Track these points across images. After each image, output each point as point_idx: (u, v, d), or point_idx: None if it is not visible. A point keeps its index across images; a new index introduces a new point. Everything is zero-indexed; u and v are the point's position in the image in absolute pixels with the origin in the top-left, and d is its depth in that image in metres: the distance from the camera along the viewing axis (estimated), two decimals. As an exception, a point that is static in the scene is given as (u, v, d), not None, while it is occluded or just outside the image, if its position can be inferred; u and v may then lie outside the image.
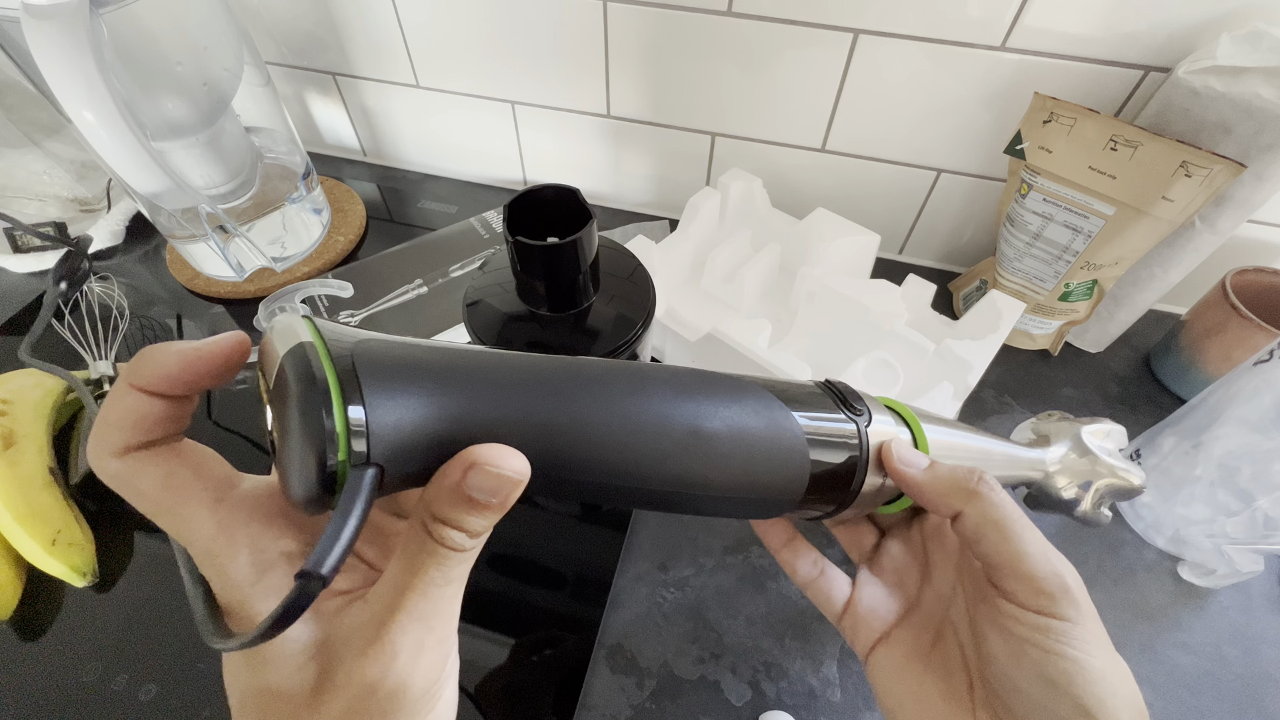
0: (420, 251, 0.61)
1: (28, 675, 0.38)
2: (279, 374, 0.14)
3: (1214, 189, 0.42)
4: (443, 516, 0.16)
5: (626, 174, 0.67)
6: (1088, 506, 0.28)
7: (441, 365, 0.16)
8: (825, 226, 0.53)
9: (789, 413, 0.21)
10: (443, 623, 0.17)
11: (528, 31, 0.57)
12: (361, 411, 0.14)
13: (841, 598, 0.27)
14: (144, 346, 0.16)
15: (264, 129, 0.57)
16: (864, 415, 0.23)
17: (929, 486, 0.23)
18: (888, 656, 0.25)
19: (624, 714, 0.37)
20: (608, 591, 0.42)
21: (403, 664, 0.16)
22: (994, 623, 0.22)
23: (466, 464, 0.15)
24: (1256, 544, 0.40)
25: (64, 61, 0.38)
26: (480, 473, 0.15)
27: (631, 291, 0.35)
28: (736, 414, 0.20)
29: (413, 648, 0.16)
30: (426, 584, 0.16)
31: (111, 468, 0.16)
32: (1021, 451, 0.29)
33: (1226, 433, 0.40)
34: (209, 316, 0.58)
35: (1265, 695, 0.39)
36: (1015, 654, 0.21)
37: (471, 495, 0.16)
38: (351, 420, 0.14)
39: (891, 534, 0.28)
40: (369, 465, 0.14)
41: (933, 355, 0.45)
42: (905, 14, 0.48)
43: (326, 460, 0.14)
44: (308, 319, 0.16)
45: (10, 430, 0.42)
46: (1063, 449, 0.29)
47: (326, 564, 0.14)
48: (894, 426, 0.24)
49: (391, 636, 0.16)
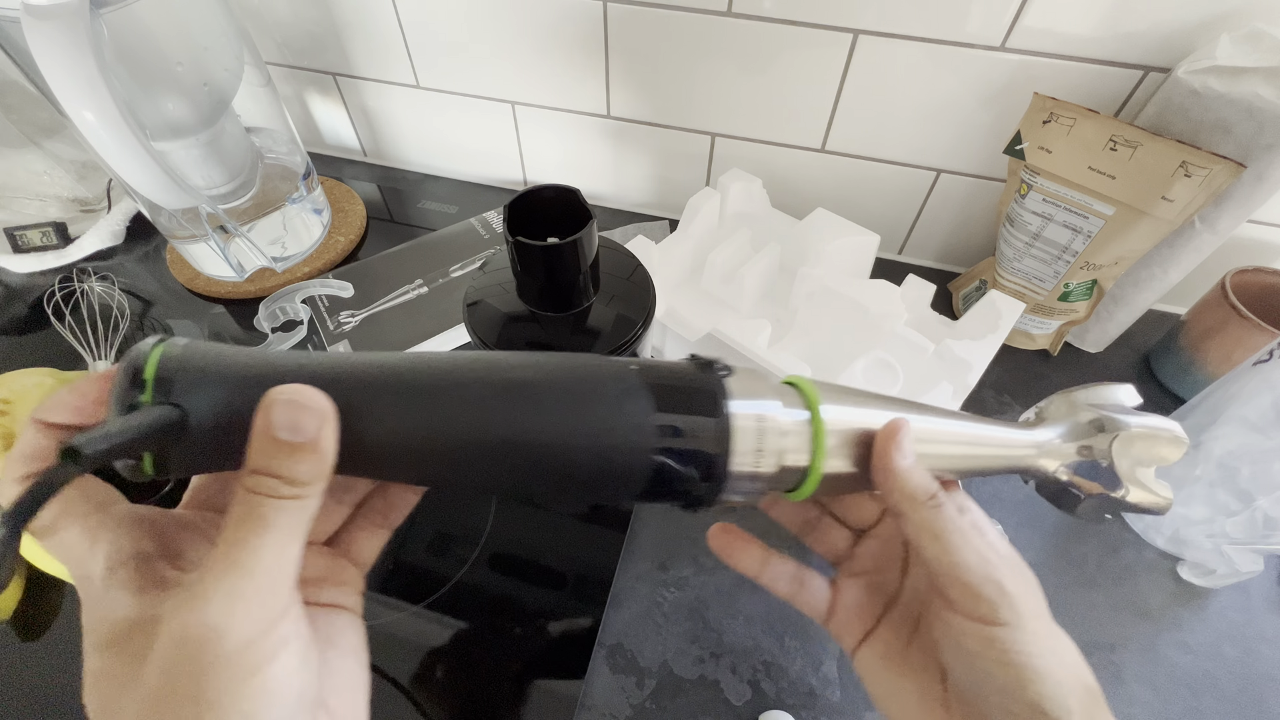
0: (420, 252, 0.61)
1: (28, 675, 0.38)
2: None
3: (1214, 189, 0.42)
4: (256, 465, 0.16)
5: (626, 174, 0.67)
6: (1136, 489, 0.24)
7: (262, 355, 0.18)
8: (825, 227, 0.53)
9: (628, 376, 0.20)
10: (264, 574, 0.16)
11: (528, 32, 0.57)
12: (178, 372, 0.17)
13: (825, 604, 0.27)
14: None
15: (264, 129, 0.58)
16: (726, 372, 0.21)
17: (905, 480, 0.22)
18: (870, 654, 0.25)
19: (624, 713, 0.37)
20: (608, 591, 0.42)
21: (214, 610, 0.15)
22: (945, 633, 0.22)
23: (268, 405, 0.16)
24: (1256, 544, 0.40)
25: (64, 61, 0.38)
26: (279, 406, 0.16)
27: (631, 291, 0.35)
28: (553, 362, 0.20)
29: (225, 595, 0.16)
30: (245, 533, 0.16)
31: (11, 492, 0.17)
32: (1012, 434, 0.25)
33: (1226, 433, 0.40)
34: (209, 316, 0.58)
35: (1265, 695, 0.39)
36: (967, 664, 0.21)
37: (277, 435, 0.16)
38: (160, 373, 0.17)
39: (869, 534, 0.28)
40: (171, 405, 0.17)
41: (932, 355, 0.45)
42: (905, 14, 0.48)
43: (131, 397, 0.16)
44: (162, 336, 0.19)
45: (10, 430, 0.42)
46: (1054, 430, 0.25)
47: (89, 443, 0.15)
48: (771, 397, 0.22)
49: (204, 584, 0.16)
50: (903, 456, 0.22)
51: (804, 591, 0.27)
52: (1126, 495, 0.24)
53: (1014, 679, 0.20)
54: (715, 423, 0.20)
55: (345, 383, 0.18)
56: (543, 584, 0.42)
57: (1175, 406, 0.46)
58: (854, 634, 0.26)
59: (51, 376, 0.47)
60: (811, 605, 0.27)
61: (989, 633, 0.21)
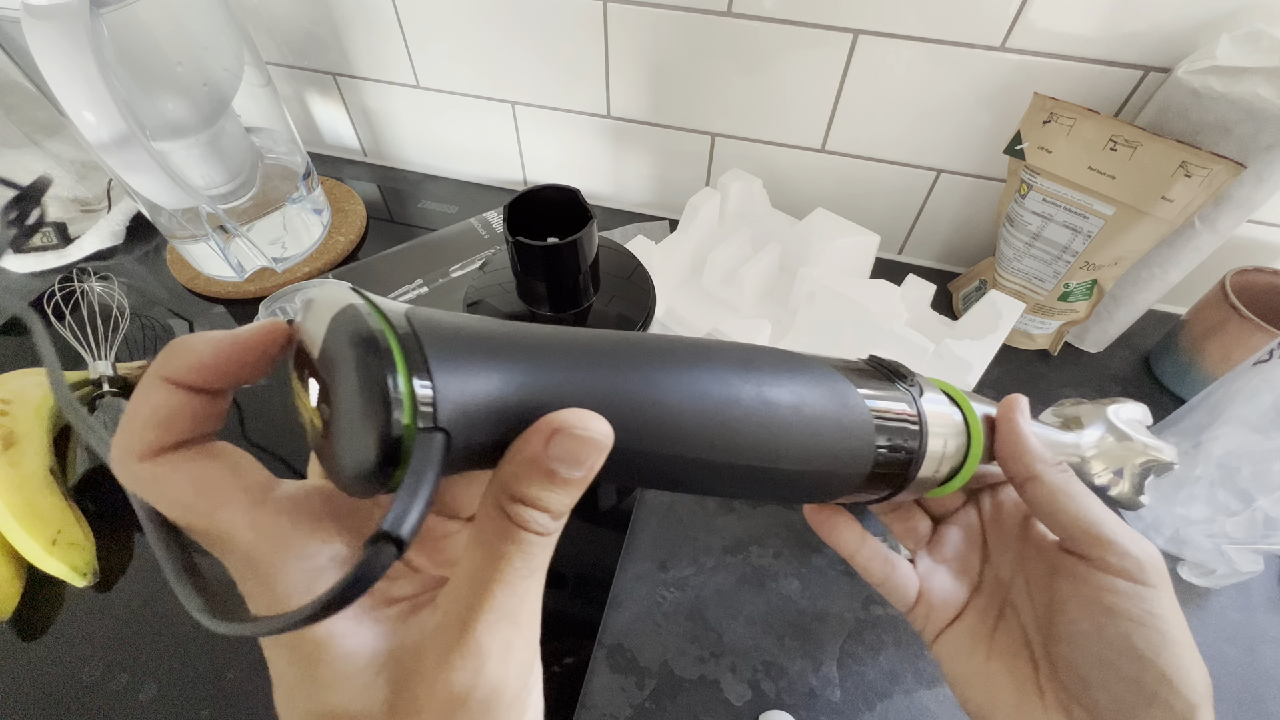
0: (420, 252, 0.61)
1: (28, 675, 0.38)
2: (328, 339, 0.13)
3: (1214, 189, 0.42)
4: (522, 495, 0.14)
5: (626, 174, 0.67)
6: (1127, 489, 0.28)
7: (501, 332, 0.15)
8: (825, 226, 0.53)
9: (849, 384, 0.21)
10: (529, 620, 0.15)
11: (528, 32, 0.57)
12: (425, 370, 0.13)
13: (914, 590, 0.26)
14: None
15: (264, 129, 0.57)
16: (916, 387, 0.23)
17: (1033, 445, 0.23)
18: (954, 639, 0.25)
19: (624, 714, 0.37)
20: (608, 591, 0.42)
21: (493, 668, 0.14)
22: (1076, 593, 0.22)
23: (549, 430, 0.14)
24: (1256, 544, 0.40)
25: (64, 61, 0.38)
26: (565, 438, 0.14)
27: (631, 291, 0.35)
28: (801, 384, 0.20)
29: (502, 648, 0.14)
30: (510, 575, 0.14)
31: (137, 471, 0.14)
32: (1058, 435, 0.28)
33: (1226, 433, 0.40)
34: (209, 317, 0.58)
35: (1265, 695, 0.39)
36: (1099, 624, 0.21)
37: (554, 468, 0.14)
38: (416, 382, 0.13)
39: (948, 521, 0.28)
40: (436, 430, 0.13)
41: (932, 355, 0.45)
42: (905, 14, 0.48)
43: (391, 424, 0.12)
44: (351, 288, 0.14)
45: (10, 430, 0.42)
46: (1098, 432, 0.29)
47: (406, 525, 0.12)
48: (948, 405, 0.24)
49: (478, 637, 0.14)
50: (1028, 424, 0.24)
51: (895, 575, 0.27)
52: (1121, 491, 0.28)
53: (1152, 643, 0.20)
54: (917, 446, 0.22)
55: (611, 411, 0.15)
56: (543, 584, 0.42)
57: (1175, 406, 0.46)
58: (938, 621, 0.26)
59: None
60: (900, 591, 0.26)
61: (1136, 590, 0.21)
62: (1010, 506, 0.27)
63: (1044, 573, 0.24)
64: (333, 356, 0.13)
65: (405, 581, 0.17)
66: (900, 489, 0.23)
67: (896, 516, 0.28)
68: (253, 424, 0.50)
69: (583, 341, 0.16)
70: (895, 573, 0.26)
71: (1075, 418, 0.30)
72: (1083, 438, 0.29)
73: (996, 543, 0.27)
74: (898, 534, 0.29)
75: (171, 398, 0.14)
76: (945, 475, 0.24)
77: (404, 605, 0.16)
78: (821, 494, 0.22)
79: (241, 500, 0.15)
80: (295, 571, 0.14)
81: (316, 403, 0.14)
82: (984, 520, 0.27)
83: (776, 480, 0.20)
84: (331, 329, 0.13)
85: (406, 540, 0.12)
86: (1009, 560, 0.26)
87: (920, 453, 0.22)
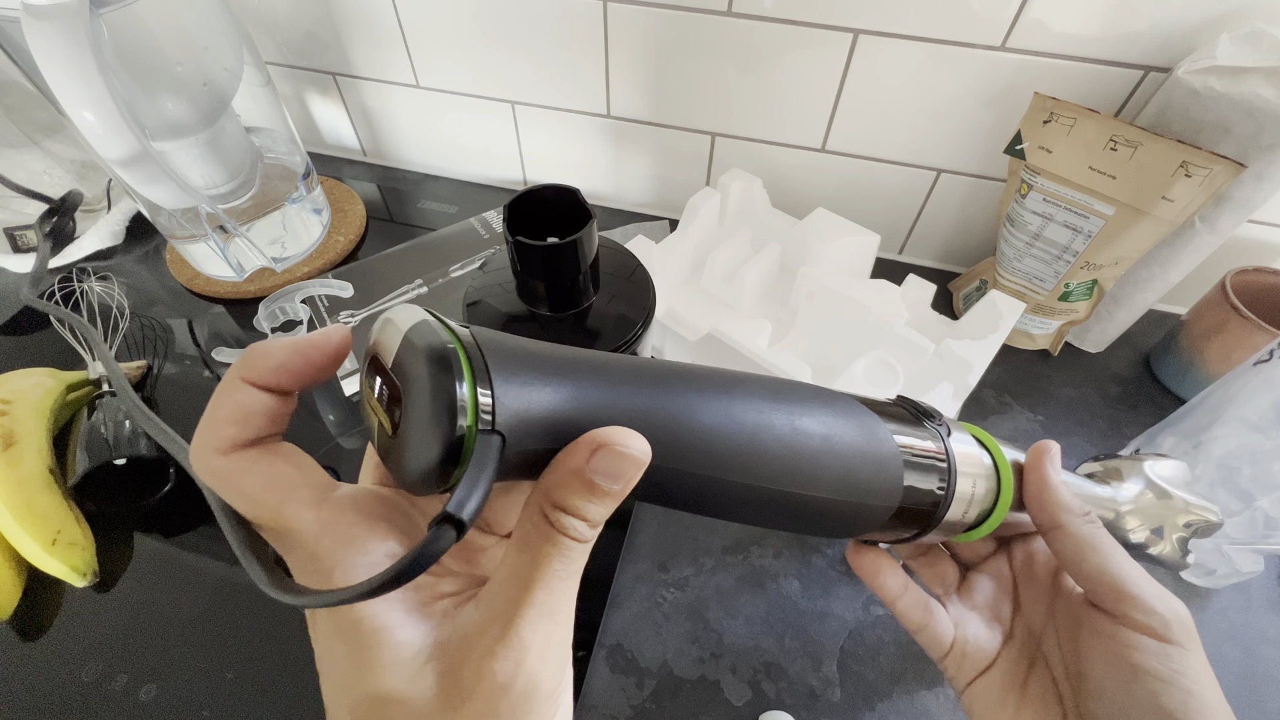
0: (420, 251, 0.61)
1: (28, 675, 0.38)
2: (403, 349, 0.15)
3: (1214, 189, 0.42)
4: (564, 503, 0.15)
5: (626, 174, 0.67)
6: (1169, 549, 0.27)
7: (556, 353, 0.17)
8: (825, 226, 0.53)
9: (878, 419, 0.22)
10: (566, 620, 0.16)
11: (528, 31, 0.57)
12: (487, 380, 0.15)
13: (949, 637, 0.26)
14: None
15: (264, 129, 0.57)
16: (944, 427, 0.24)
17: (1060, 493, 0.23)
18: (986, 688, 0.25)
19: (624, 714, 0.37)
20: (608, 591, 0.42)
21: (533, 662, 0.15)
22: (1103, 650, 0.21)
23: (593, 445, 0.15)
24: (1256, 544, 0.40)
25: (64, 61, 0.38)
26: (607, 454, 0.15)
27: (631, 291, 0.35)
28: (832, 416, 0.20)
29: (541, 644, 0.15)
30: (550, 576, 0.15)
31: (215, 464, 0.15)
32: (1092, 488, 0.27)
33: (1226, 433, 0.40)
34: (209, 316, 0.58)
35: (1265, 695, 0.39)
36: (1125, 682, 0.20)
37: (594, 480, 0.15)
38: (479, 390, 0.14)
39: (978, 569, 0.28)
40: (494, 432, 0.14)
41: (933, 355, 0.45)
42: (905, 14, 0.48)
43: (456, 425, 0.14)
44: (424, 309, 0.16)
45: (10, 430, 0.42)
46: (1136, 488, 0.28)
47: (467, 509, 0.14)
48: (976, 448, 0.24)
49: (521, 632, 0.15)
50: (1057, 472, 0.23)
51: (933, 623, 0.26)
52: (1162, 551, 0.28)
53: (1181, 704, 0.19)
54: (946, 485, 0.23)
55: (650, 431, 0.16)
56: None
57: (1175, 406, 0.46)
58: (970, 670, 0.25)
59: (52, 377, 0.47)
60: (936, 639, 0.26)
61: (1162, 648, 0.20)
62: (1042, 557, 0.26)
63: (1072, 626, 0.23)
64: (406, 365, 0.15)
65: (453, 579, 0.18)
66: (927, 529, 0.23)
67: (925, 561, 0.28)
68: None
69: (628, 366, 0.18)
70: (933, 620, 0.26)
71: (1115, 470, 0.29)
72: (1120, 492, 0.28)
73: (1028, 593, 0.26)
74: (925, 579, 0.28)
75: (250, 397, 0.15)
76: (974, 519, 0.24)
77: (447, 602, 0.17)
78: (850, 528, 0.22)
79: (306, 497, 0.16)
80: (354, 565, 0.15)
81: (387, 407, 0.15)
82: (1015, 569, 0.27)
83: (807, 508, 0.20)
84: (405, 342, 0.15)
85: (467, 523, 0.14)
86: (1040, 611, 0.25)
87: (949, 492, 0.22)
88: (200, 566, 0.43)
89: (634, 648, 0.40)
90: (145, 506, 0.45)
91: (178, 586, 0.42)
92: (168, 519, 0.45)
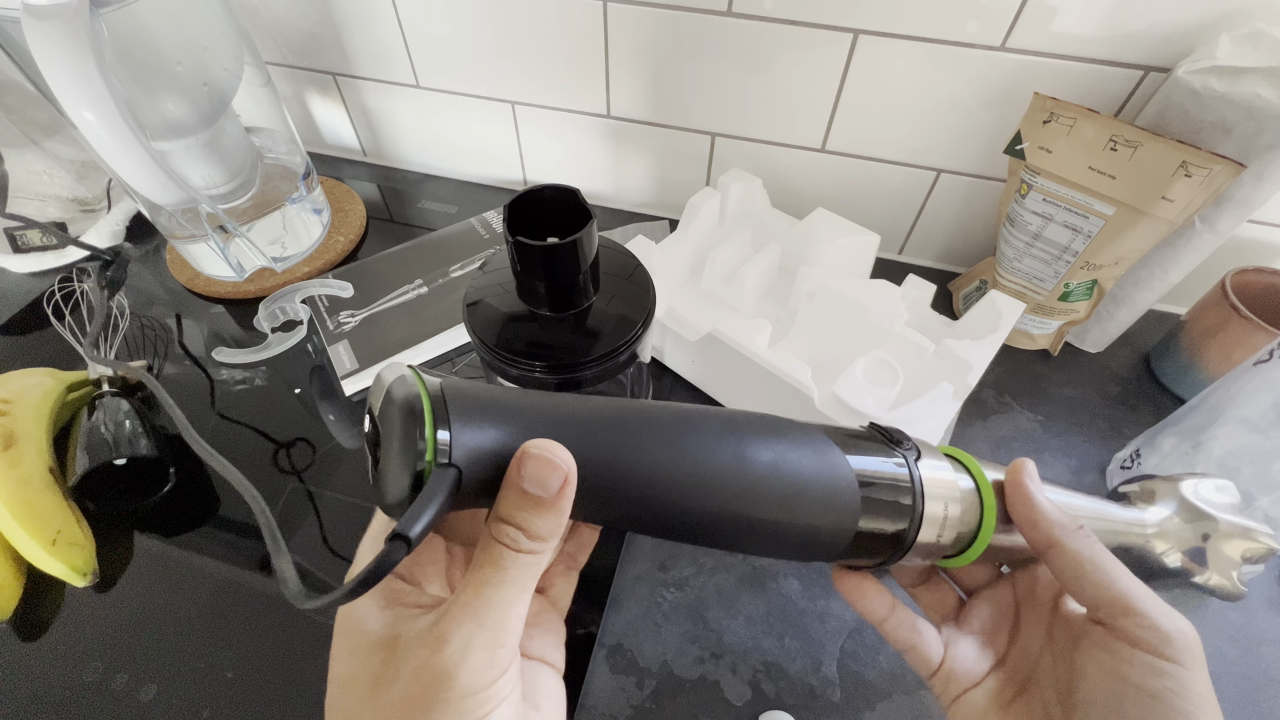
0: (420, 251, 0.61)
1: (28, 675, 0.38)
2: (384, 402, 0.18)
3: (1214, 189, 0.42)
4: (504, 515, 0.18)
5: (626, 174, 0.67)
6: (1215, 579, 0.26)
7: (510, 397, 0.19)
8: (825, 226, 0.53)
9: (831, 444, 0.22)
10: (495, 624, 0.17)
11: (528, 32, 0.57)
12: (447, 423, 0.17)
13: (937, 658, 0.26)
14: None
15: (264, 129, 0.57)
16: (913, 451, 0.23)
17: (1045, 508, 0.23)
18: (970, 704, 0.25)
19: (624, 714, 0.37)
20: (608, 591, 0.42)
21: (450, 653, 0.17)
22: (1097, 664, 0.21)
23: (520, 456, 0.17)
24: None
25: (64, 61, 0.38)
26: (533, 461, 0.17)
27: (631, 291, 0.35)
28: (784, 444, 0.21)
29: (461, 640, 0.17)
30: (481, 581, 0.17)
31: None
32: (1113, 509, 0.26)
33: (1226, 433, 0.40)
34: (209, 316, 0.58)
35: (1265, 695, 0.39)
36: (1116, 696, 0.20)
37: (525, 487, 0.17)
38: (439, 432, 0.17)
39: (979, 595, 0.28)
40: (450, 466, 0.17)
41: (932, 355, 0.45)
42: (905, 14, 0.48)
43: (417, 461, 0.17)
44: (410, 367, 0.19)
45: (10, 430, 0.42)
46: (1165, 510, 0.27)
47: (415, 528, 0.16)
48: (951, 471, 0.24)
49: (442, 626, 0.17)
50: (1037, 487, 0.23)
51: (921, 643, 0.26)
52: (1209, 580, 0.27)
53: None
54: (910, 505, 0.23)
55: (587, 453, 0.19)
56: (543, 584, 0.42)
57: (1175, 406, 0.46)
58: (956, 688, 0.25)
59: (52, 377, 0.47)
60: (924, 658, 0.26)
61: (1160, 666, 0.20)
62: (1045, 582, 0.26)
63: (1068, 643, 0.23)
64: (384, 413, 0.18)
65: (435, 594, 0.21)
66: (899, 552, 0.23)
67: (925, 589, 0.28)
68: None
69: (582, 405, 0.20)
70: (921, 640, 0.26)
71: (1149, 491, 0.28)
72: (1147, 514, 0.27)
73: (1029, 615, 0.26)
74: (924, 605, 0.28)
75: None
76: (952, 541, 0.24)
77: (416, 610, 0.19)
78: (813, 550, 0.22)
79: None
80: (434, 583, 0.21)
81: (372, 447, 0.19)
82: (1018, 595, 0.27)
83: (759, 530, 0.21)
84: (386, 395, 0.18)
85: (413, 540, 0.16)
86: (1039, 634, 0.25)
87: (916, 515, 0.22)
88: (200, 566, 0.43)
89: (634, 647, 0.40)
90: (145, 506, 0.45)
91: (178, 586, 0.42)
92: (168, 519, 0.45)
